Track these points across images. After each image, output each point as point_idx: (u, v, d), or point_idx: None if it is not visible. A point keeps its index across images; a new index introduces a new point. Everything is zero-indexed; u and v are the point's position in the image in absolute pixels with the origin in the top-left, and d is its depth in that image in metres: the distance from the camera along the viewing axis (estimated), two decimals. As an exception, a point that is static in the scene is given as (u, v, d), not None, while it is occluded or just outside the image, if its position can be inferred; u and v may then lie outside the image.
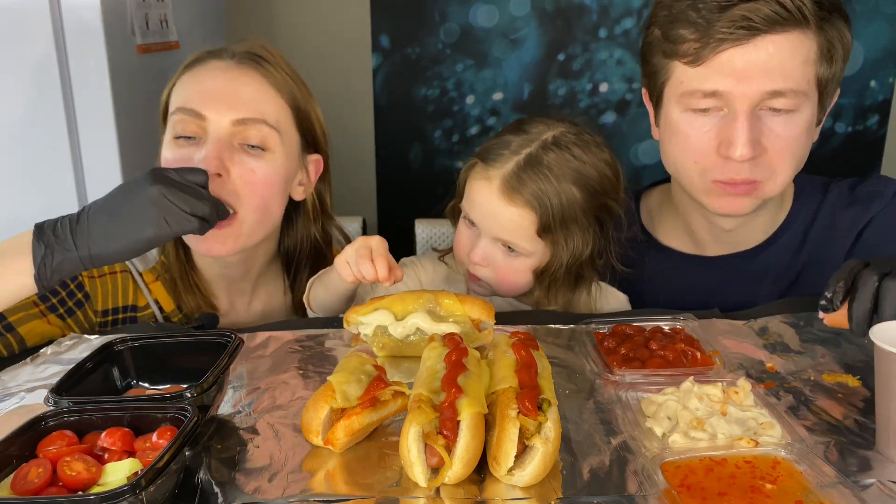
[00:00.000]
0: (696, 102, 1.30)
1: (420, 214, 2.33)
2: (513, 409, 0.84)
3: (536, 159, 1.31)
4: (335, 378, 0.93)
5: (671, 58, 1.31)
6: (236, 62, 1.34)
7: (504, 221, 1.33)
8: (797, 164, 1.34)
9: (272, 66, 1.35)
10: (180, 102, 1.31)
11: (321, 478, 0.86)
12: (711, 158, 1.31)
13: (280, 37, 3.13)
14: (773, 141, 1.28)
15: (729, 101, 1.27)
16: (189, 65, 1.36)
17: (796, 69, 1.25)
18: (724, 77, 1.25)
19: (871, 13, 3.08)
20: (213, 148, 1.27)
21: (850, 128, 3.22)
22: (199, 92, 1.31)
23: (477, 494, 0.82)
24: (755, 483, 0.81)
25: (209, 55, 1.35)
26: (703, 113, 1.30)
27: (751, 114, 1.26)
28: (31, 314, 1.28)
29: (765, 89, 1.24)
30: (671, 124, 1.36)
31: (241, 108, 1.30)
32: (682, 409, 0.94)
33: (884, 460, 0.88)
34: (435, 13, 3.09)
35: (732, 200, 1.34)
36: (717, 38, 1.24)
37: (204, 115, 1.28)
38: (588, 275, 1.41)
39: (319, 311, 1.38)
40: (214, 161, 1.26)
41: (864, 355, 1.14)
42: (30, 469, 0.78)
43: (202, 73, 1.34)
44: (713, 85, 1.27)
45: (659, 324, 1.22)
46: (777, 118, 1.27)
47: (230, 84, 1.31)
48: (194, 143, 1.30)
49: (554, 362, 1.10)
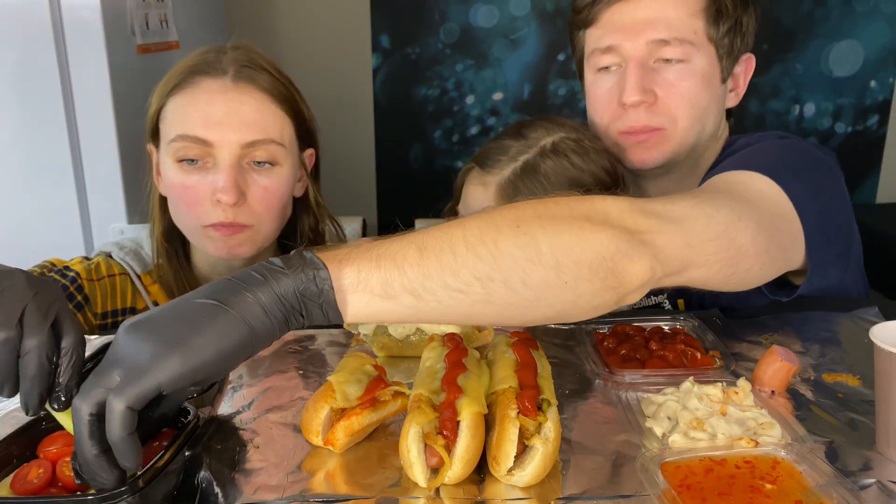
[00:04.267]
0: (597, 61, 1.42)
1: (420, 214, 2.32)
2: (513, 409, 0.84)
3: (533, 167, 1.32)
4: (335, 378, 0.93)
5: (579, 28, 1.45)
6: (232, 81, 1.31)
7: None
8: (699, 114, 1.41)
9: (266, 76, 1.34)
10: (181, 129, 1.30)
11: (321, 478, 0.86)
12: (613, 110, 1.41)
13: (280, 37, 3.13)
14: (666, 89, 1.38)
15: (622, 55, 1.38)
16: (178, 85, 1.33)
17: (681, 20, 1.36)
18: (615, 32, 1.38)
19: (871, 13, 3.09)
20: (229, 178, 1.28)
21: (850, 128, 3.22)
22: (200, 118, 1.29)
23: (477, 494, 0.82)
24: (755, 483, 0.81)
25: (200, 74, 1.32)
26: (606, 71, 1.42)
27: (642, 64, 1.36)
28: (31, 315, 1.27)
29: (651, 38, 1.35)
30: (586, 88, 1.49)
31: (246, 131, 1.29)
32: (682, 410, 0.94)
33: (884, 460, 0.88)
34: (435, 13, 3.09)
35: (641, 151, 1.42)
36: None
37: (210, 141, 1.28)
38: None
39: None
40: (234, 191, 1.28)
41: (864, 355, 1.14)
42: (30, 469, 0.78)
43: (198, 95, 1.31)
44: (607, 41, 1.39)
45: (659, 324, 1.22)
46: (670, 68, 1.37)
47: (231, 106, 1.30)
48: (199, 166, 1.31)
49: (553, 362, 1.09)
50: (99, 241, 1.98)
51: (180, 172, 1.32)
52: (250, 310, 0.74)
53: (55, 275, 1.35)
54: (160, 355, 0.70)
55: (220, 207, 1.30)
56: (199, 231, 1.35)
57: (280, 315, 0.75)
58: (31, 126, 1.91)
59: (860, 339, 1.18)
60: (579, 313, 0.88)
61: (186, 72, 1.33)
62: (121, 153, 1.95)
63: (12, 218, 1.97)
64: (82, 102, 1.91)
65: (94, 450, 0.71)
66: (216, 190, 1.29)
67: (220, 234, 1.33)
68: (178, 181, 1.32)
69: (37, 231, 1.96)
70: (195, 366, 0.71)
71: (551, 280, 0.83)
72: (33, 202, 1.97)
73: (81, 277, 1.36)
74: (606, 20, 1.39)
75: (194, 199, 1.32)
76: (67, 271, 1.36)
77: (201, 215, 1.32)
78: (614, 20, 1.38)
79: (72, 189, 1.95)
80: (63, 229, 1.97)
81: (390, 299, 0.80)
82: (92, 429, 0.71)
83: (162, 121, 1.35)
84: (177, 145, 1.31)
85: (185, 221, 1.37)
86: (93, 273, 1.38)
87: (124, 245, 1.46)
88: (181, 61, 1.37)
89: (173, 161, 1.32)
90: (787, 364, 1.02)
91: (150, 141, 1.40)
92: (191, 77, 1.32)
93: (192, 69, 1.33)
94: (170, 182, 1.34)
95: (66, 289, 1.33)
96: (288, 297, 0.76)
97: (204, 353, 0.71)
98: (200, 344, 0.71)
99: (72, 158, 1.94)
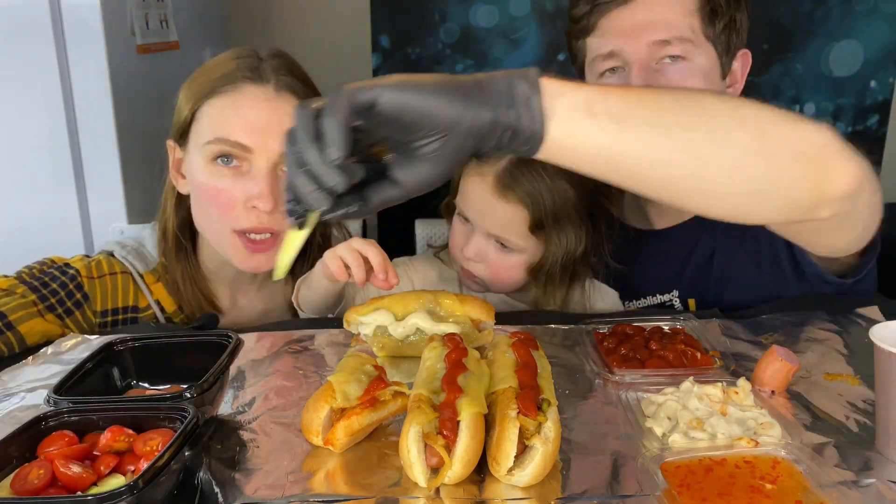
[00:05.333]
0: (600, 66, 1.41)
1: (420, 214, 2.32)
2: (513, 409, 0.84)
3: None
4: (335, 378, 0.93)
5: (579, 37, 1.45)
6: (274, 90, 1.32)
7: (497, 217, 1.34)
8: None
9: (302, 87, 1.35)
10: (221, 132, 1.30)
11: (321, 478, 0.86)
12: None
13: (280, 37, 3.13)
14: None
15: (625, 59, 1.38)
16: (220, 88, 1.32)
17: (678, 20, 1.36)
18: (615, 37, 1.38)
19: (871, 13, 3.08)
20: (267, 185, 1.30)
21: (850, 128, 3.22)
22: (243, 124, 1.30)
23: (477, 494, 0.82)
24: (755, 483, 0.81)
25: (245, 80, 1.32)
26: (611, 73, 1.41)
27: (644, 66, 1.37)
28: (30, 313, 1.28)
29: (651, 39, 1.36)
30: None
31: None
32: (682, 409, 0.94)
33: (884, 460, 0.88)
34: (435, 13, 3.09)
35: None
36: (603, 3, 1.38)
37: (250, 147, 1.30)
38: (582, 272, 1.42)
39: (309, 311, 1.39)
40: (270, 198, 1.29)
41: (864, 355, 1.14)
42: (31, 470, 0.78)
43: (242, 101, 1.31)
44: (608, 46, 1.39)
45: (659, 324, 1.22)
46: (672, 67, 1.38)
47: (273, 115, 1.31)
48: (236, 168, 1.31)
49: (554, 362, 1.09)
50: (99, 241, 1.98)
51: (213, 174, 1.32)
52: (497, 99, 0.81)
53: (55, 271, 1.35)
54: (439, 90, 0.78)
55: (255, 213, 1.32)
56: (226, 235, 1.36)
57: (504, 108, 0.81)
58: (31, 126, 1.91)
59: (860, 338, 1.18)
60: (773, 201, 0.87)
61: (229, 75, 1.33)
62: (121, 153, 1.95)
63: (12, 218, 1.96)
64: (82, 102, 1.91)
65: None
66: (251, 196, 1.30)
67: (248, 248, 1.35)
68: (210, 183, 1.32)
69: (37, 231, 1.96)
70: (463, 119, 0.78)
71: (754, 146, 0.83)
72: (33, 202, 1.96)
73: (81, 275, 1.36)
74: (606, 27, 1.40)
75: (227, 203, 1.32)
76: (67, 268, 1.36)
77: (233, 220, 1.33)
78: (613, 26, 1.39)
79: (72, 189, 1.95)
80: (63, 229, 1.97)
81: (592, 118, 0.81)
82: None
83: (196, 121, 1.34)
84: (214, 148, 1.31)
85: (213, 224, 1.38)
86: (93, 271, 1.38)
87: (126, 244, 1.47)
88: (214, 64, 1.37)
89: (206, 162, 1.32)
90: (787, 364, 1.03)
91: (177, 140, 1.39)
92: (234, 81, 1.32)
93: (234, 74, 1.32)
94: (199, 183, 1.34)
95: (66, 286, 1.33)
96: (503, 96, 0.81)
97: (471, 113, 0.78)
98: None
99: (72, 158, 1.94)
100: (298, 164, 0.79)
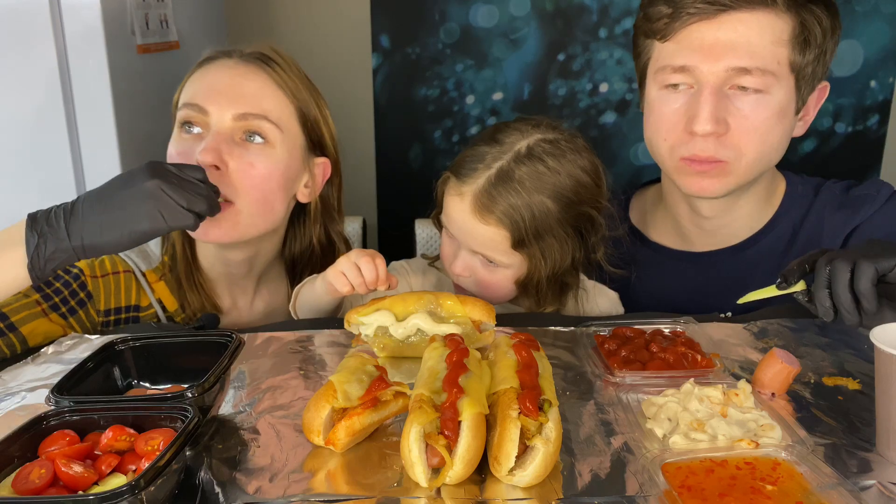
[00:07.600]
0: (667, 78, 1.33)
1: (420, 215, 2.33)
2: (514, 409, 0.84)
3: (508, 174, 1.28)
4: (337, 378, 0.93)
5: (650, 37, 1.36)
6: (242, 61, 1.35)
7: (478, 237, 1.32)
8: (767, 150, 1.34)
9: (279, 67, 1.36)
10: (187, 98, 1.33)
11: (322, 478, 0.86)
12: (679, 135, 1.33)
13: (280, 36, 3.12)
14: (739, 120, 1.29)
15: (697, 77, 1.30)
16: (200, 63, 1.38)
17: (765, 48, 1.26)
18: (692, 52, 1.29)
19: (871, 13, 3.08)
20: (212, 140, 1.28)
21: (850, 128, 3.22)
22: (204, 88, 1.33)
23: (478, 495, 0.82)
24: (755, 484, 0.81)
25: (220, 54, 1.37)
26: (675, 89, 1.33)
27: (717, 90, 1.28)
28: (33, 313, 1.28)
29: (731, 65, 1.26)
30: (649, 103, 1.40)
31: (242, 103, 1.30)
32: (683, 411, 0.94)
33: (884, 462, 0.88)
34: (435, 13, 3.09)
35: (700, 180, 1.35)
36: (686, 13, 1.28)
37: (207, 109, 1.30)
38: (572, 282, 1.40)
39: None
40: (212, 153, 1.26)
41: (863, 359, 1.15)
42: (32, 469, 0.78)
43: (210, 70, 1.36)
44: (682, 60, 1.30)
45: (659, 327, 1.22)
46: (745, 98, 1.29)
47: (234, 80, 1.32)
48: (197, 136, 1.31)
49: (554, 364, 1.10)
50: (99, 241, 1.98)
51: (178, 141, 1.34)
52: None
53: (58, 270, 1.34)
54: None
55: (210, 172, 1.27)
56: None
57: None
58: (32, 126, 1.91)
59: (860, 341, 1.19)
60: None
61: (212, 53, 1.38)
62: (121, 153, 1.94)
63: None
64: (82, 102, 1.90)
65: None
66: (199, 152, 1.27)
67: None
68: (173, 150, 1.33)
69: (37, 231, 1.96)
70: None
71: None
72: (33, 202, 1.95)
73: (85, 274, 1.36)
74: (684, 37, 1.30)
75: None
76: (71, 267, 1.35)
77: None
78: (692, 38, 1.29)
79: (72, 189, 1.95)
80: (63, 229, 1.97)
81: None
82: None
83: (180, 97, 1.37)
84: (180, 113, 1.33)
85: None
86: (96, 269, 1.38)
87: None
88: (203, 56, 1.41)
89: (175, 133, 1.34)
90: (788, 366, 1.03)
91: (174, 122, 1.40)
92: (213, 57, 1.37)
93: (217, 52, 1.38)
94: (168, 153, 1.35)
95: (69, 285, 1.33)
96: None
97: None
98: None
99: (72, 158, 1.94)
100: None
